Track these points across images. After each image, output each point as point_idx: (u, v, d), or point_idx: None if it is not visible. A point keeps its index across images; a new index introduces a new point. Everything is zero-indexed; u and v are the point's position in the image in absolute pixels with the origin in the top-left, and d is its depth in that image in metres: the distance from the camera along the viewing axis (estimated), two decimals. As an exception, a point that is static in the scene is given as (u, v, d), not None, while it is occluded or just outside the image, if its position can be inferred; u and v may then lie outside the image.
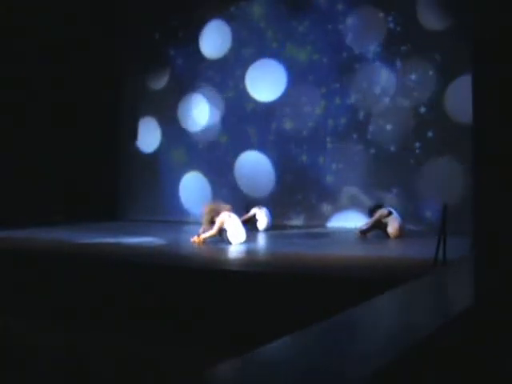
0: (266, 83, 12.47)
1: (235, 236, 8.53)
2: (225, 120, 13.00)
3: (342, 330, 2.94)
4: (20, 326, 6.54)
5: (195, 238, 8.77)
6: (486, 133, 6.67)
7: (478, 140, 6.88)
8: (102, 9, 13.51)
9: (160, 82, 13.71)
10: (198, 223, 12.53)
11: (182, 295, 6.39)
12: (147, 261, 7.39)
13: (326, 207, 11.89)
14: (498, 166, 6.44)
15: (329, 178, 11.82)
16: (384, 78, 11.29)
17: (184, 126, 13.46)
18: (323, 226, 11.73)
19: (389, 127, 11.26)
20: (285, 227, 11.38)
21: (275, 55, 12.40)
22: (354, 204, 11.54)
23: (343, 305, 3.32)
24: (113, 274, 7.04)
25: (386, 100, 11.27)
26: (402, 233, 9.32)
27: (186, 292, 6.38)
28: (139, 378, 4.81)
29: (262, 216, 10.81)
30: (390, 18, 11.22)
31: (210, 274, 6.48)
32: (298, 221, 12.08)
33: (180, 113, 13.50)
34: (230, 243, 8.47)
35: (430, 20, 10.73)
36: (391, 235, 9.29)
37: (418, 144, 10.94)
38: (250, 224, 10.43)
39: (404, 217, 9.77)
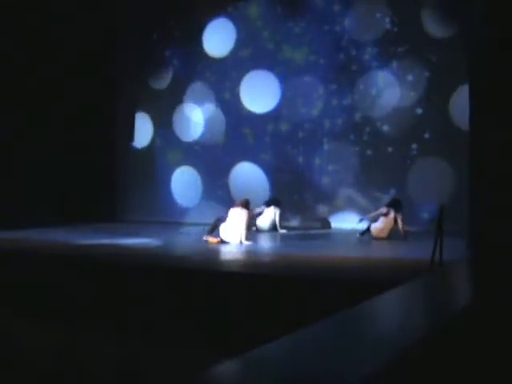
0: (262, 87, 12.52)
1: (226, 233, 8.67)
2: (221, 121, 13.03)
3: (341, 330, 2.96)
4: (20, 326, 6.55)
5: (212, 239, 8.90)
6: (482, 133, 6.72)
7: (475, 140, 6.92)
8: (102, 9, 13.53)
9: (158, 83, 13.74)
10: (194, 224, 12.59)
11: (182, 295, 6.41)
12: (144, 262, 7.40)
13: (322, 208, 11.92)
14: (494, 167, 6.49)
15: (325, 179, 11.85)
16: (381, 79, 11.32)
17: (181, 127, 13.50)
18: (320, 227, 11.76)
19: (385, 128, 11.30)
20: (282, 228, 11.39)
21: (272, 55, 12.43)
22: (351, 205, 11.58)
23: (342, 305, 3.34)
24: (110, 274, 7.05)
25: (383, 101, 11.30)
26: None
27: (186, 292, 6.40)
28: (139, 377, 4.82)
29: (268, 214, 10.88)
30: (387, 19, 11.26)
31: (209, 275, 6.50)
32: (294, 222, 12.11)
33: (177, 114, 13.54)
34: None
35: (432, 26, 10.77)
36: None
37: (414, 145, 10.98)
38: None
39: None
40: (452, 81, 10.45)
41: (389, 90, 11.24)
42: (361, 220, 9.96)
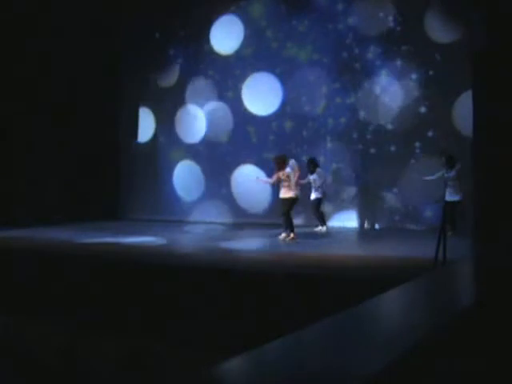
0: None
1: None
2: (225, 120, 13.01)
3: (341, 330, 2.94)
4: (20, 325, 6.55)
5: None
6: (486, 132, 6.68)
7: (478, 140, 6.88)
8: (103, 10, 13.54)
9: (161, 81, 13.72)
10: (198, 223, 12.57)
11: (183, 295, 6.39)
12: (147, 260, 7.40)
13: (326, 207, 11.87)
14: (498, 166, 6.45)
15: (329, 178, 11.81)
16: (384, 77, 11.28)
17: (184, 125, 13.48)
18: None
19: (389, 127, 11.25)
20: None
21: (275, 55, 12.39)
22: (354, 203, 11.54)
23: (343, 305, 3.32)
24: (113, 273, 7.04)
25: (386, 99, 11.26)
26: None
27: (187, 292, 6.39)
28: (139, 377, 4.81)
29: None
30: (391, 18, 11.20)
31: (211, 274, 6.49)
32: (298, 220, 12.06)
33: (181, 112, 13.52)
34: None
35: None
36: None
37: (418, 144, 10.94)
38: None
39: (404, 216, 9.77)
40: (455, 79, 10.40)
41: (392, 89, 11.19)
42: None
